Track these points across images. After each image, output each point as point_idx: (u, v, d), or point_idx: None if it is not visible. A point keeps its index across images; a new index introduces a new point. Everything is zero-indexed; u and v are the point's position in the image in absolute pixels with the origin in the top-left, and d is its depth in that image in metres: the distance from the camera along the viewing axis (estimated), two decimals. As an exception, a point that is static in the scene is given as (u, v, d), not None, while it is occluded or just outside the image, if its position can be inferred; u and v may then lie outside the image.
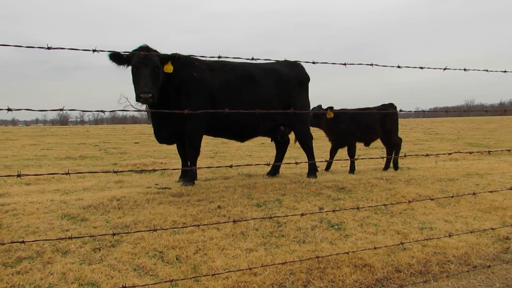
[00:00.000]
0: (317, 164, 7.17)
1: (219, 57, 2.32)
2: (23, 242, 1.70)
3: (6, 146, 16.59)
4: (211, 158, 11.23)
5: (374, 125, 7.49)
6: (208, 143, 17.16)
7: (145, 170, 3.21)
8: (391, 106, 7.75)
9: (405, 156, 3.00)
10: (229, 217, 4.25)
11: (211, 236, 3.71)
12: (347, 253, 2.96)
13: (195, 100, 5.65)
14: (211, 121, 5.90)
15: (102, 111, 2.23)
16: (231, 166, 2.16)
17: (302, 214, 2.44)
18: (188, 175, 5.89)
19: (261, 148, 14.58)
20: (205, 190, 5.21)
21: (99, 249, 3.39)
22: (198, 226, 2.41)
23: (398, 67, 2.62)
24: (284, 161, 7.24)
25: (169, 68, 5.31)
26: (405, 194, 5.34)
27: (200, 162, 9.97)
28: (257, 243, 3.64)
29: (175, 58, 5.29)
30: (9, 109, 1.92)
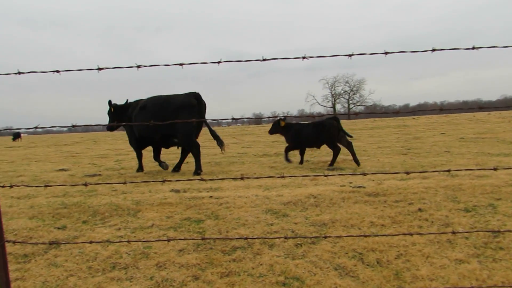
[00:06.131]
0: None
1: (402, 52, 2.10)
2: (246, 238, 1.88)
3: (215, 144, 19.15)
4: (403, 154, 10.61)
5: None
6: (398, 138, 16.31)
7: (341, 172, 3.20)
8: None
9: None
10: (432, 221, 3.91)
11: (413, 241, 3.48)
12: None
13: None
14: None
15: (302, 115, 2.32)
16: (448, 171, 1.94)
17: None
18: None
19: (461, 144, 13.06)
20: (402, 191, 4.93)
21: (301, 245, 3.55)
22: (412, 235, 2.25)
23: None
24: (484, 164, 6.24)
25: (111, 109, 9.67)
26: None
27: (392, 159, 9.54)
28: (468, 254, 3.24)
29: (109, 103, 9.67)
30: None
